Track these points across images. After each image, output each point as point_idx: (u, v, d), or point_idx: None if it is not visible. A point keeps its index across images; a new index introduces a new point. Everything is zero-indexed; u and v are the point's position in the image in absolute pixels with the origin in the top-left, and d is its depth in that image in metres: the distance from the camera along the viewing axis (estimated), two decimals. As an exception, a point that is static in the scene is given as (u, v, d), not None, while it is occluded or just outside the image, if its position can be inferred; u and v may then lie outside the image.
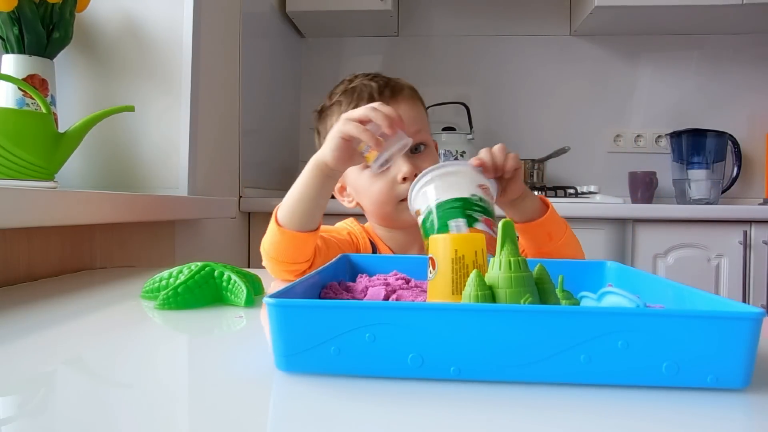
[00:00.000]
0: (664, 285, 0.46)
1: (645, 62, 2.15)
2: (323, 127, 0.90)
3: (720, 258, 1.61)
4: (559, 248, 0.78)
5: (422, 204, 0.67)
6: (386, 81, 0.86)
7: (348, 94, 0.85)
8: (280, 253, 0.73)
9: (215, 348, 0.47)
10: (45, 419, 0.32)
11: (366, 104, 0.79)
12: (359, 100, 0.83)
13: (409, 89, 0.87)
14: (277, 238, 0.73)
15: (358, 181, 0.85)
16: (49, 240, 0.83)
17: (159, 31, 1.20)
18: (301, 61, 2.23)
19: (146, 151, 1.21)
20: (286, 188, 0.75)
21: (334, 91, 0.90)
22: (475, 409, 0.32)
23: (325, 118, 0.89)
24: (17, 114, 0.90)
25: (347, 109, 0.82)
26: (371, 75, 0.88)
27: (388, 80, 0.87)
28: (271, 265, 0.75)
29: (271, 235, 0.74)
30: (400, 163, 0.80)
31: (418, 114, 0.87)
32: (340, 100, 0.86)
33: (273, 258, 0.74)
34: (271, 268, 0.76)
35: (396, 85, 0.86)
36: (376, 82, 0.85)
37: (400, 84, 0.87)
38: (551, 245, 0.77)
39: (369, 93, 0.83)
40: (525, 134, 2.17)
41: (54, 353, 0.44)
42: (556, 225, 0.78)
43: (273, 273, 0.77)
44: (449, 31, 2.22)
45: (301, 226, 0.72)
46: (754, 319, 0.32)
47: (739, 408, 0.32)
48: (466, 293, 0.38)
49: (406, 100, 0.85)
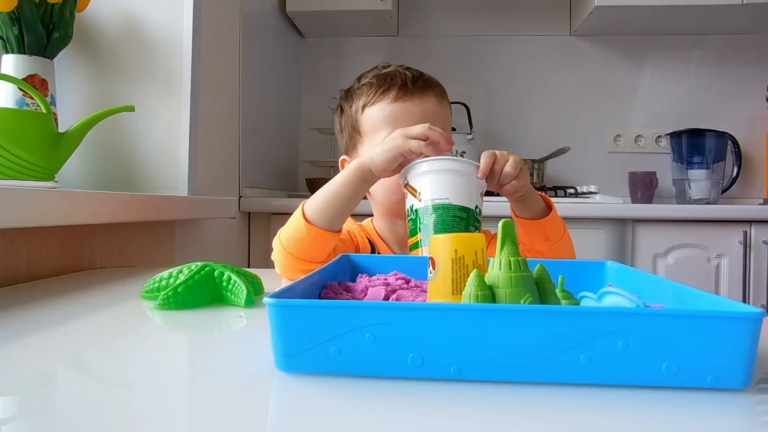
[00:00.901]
0: (664, 285, 0.46)
1: (645, 62, 2.15)
2: (349, 105, 0.88)
3: (720, 258, 1.61)
4: (552, 250, 0.78)
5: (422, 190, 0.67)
6: (420, 73, 0.85)
7: (381, 78, 0.84)
8: (300, 250, 0.72)
9: (215, 348, 0.47)
10: (45, 419, 0.31)
11: (397, 91, 0.81)
12: (391, 85, 0.82)
13: (440, 87, 0.86)
14: (301, 234, 0.72)
15: None
16: (49, 240, 0.83)
17: (159, 31, 1.20)
18: (301, 61, 2.23)
19: (146, 151, 1.20)
20: (286, 188, 0.76)
21: (364, 74, 0.88)
22: (475, 409, 0.32)
23: (352, 97, 0.87)
24: (17, 114, 0.90)
25: (377, 91, 0.82)
26: (407, 66, 0.87)
27: (422, 73, 0.85)
28: (287, 261, 0.74)
29: (294, 231, 0.73)
30: None
31: (445, 113, 0.85)
32: (372, 82, 0.84)
33: (291, 254, 0.73)
34: (284, 265, 0.75)
35: (429, 80, 0.85)
36: (411, 72, 0.84)
37: (434, 80, 0.86)
38: (545, 245, 0.78)
39: (402, 80, 0.82)
40: (525, 134, 2.17)
41: (54, 353, 0.44)
42: (554, 227, 0.78)
43: (284, 270, 0.76)
44: (449, 31, 2.22)
45: (329, 225, 0.72)
46: (754, 319, 0.32)
47: (739, 408, 0.32)
48: (466, 293, 0.38)
49: (436, 96, 0.84)
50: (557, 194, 1.85)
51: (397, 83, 0.82)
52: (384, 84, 0.82)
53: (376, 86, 0.83)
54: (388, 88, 0.82)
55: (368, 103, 0.83)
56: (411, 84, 0.81)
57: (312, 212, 0.73)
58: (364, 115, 0.83)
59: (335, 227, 0.73)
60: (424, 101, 0.81)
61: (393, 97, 0.81)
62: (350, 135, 0.87)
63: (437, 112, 0.82)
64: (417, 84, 0.82)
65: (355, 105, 0.86)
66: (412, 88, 0.81)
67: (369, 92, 0.83)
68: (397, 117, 0.80)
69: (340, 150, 0.92)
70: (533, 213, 0.78)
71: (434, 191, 0.67)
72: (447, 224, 0.65)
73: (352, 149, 0.88)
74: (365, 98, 0.83)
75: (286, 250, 0.73)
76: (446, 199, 0.66)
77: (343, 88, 0.92)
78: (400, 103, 0.81)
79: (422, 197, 0.67)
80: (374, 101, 0.82)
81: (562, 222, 0.81)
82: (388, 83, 0.82)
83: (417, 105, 0.81)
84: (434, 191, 0.67)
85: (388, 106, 0.81)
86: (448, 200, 0.66)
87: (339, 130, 0.91)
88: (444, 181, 0.67)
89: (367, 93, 0.83)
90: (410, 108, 0.81)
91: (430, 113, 0.81)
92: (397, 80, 0.82)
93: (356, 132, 0.85)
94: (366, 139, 0.84)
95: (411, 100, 0.81)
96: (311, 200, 0.74)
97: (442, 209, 0.66)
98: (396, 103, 0.81)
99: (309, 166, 2.08)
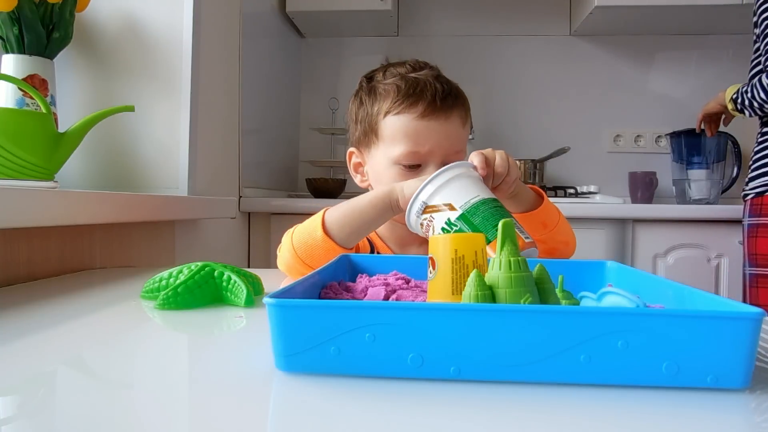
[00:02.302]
0: (664, 285, 0.46)
1: (645, 62, 2.15)
2: (371, 102, 0.84)
3: (720, 258, 1.61)
4: (552, 235, 0.79)
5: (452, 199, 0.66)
6: (449, 87, 0.82)
7: (410, 85, 0.80)
8: (309, 257, 0.72)
9: (215, 348, 0.47)
10: (45, 419, 0.31)
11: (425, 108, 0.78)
12: (420, 98, 0.78)
13: (465, 105, 0.83)
14: (316, 242, 0.71)
15: (381, 168, 0.82)
16: (49, 240, 0.83)
17: (159, 31, 1.20)
18: (301, 61, 2.23)
19: (146, 151, 1.21)
20: (286, 188, 0.76)
21: (390, 69, 0.85)
22: (475, 409, 0.32)
23: (376, 95, 0.83)
24: (17, 114, 0.90)
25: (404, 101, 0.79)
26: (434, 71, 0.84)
27: (450, 87, 0.82)
28: (293, 262, 0.73)
29: (309, 237, 0.72)
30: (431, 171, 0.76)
31: (465, 134, 0.83)
32: (400, 87, 0.80)
33: (299, 258, 0.73)
34: (288, 264, 0.75)
35: (458, 96, 0.82)
36: (441, 85, 0.80)
37: (461, 95, 0.83)
38: (545, 232, 0.79)
39: (432, 95, 0.78)
40: (525, 134, 2.17)
41: (54, 353, 0.44)
42: (549, 214, 0.80)
43: (287, 269, 0.76)
44: (449, 31, 2.22)
45: (346, 242, 0.72)
46: (754, 319, 0.32)
47: (739, 408, 0.32)
48: (466, 293, 0.38)
49: (461, 117, 0.82)
50: (557, 194, 1.85)
51: (427, 98, 0.78)
52: (412, 95, 0.79)
53: (404, 94, 0.79)
54: (416, 101, 0.79)
55: (392, 110, 0.80)
56: (440, 101, 0.78)
57: (332, 225, 0.72)
58: (386, 122, 0.81)
59: (350, 245, 0.73)
60: (448, 121, 0.79)
61: (419, 114, 0.78)
62: (365, 132, 0.85)
63: (459, 134, 0.81)
64: (446, 101, 0.79)
65: (378, 106, 0.82)
66: (440, 105, 0.78)
67: (396, 99, 0.80)
68: (420, 135, 0.78)
69: (349, 140, 0.90)
70: (527, 205, 0.79)
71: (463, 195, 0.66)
72: (496, 214, 0.65)
73: (364, 147, 0.86)
74: (390, 104, 0.80)
75: (296, 252, 0.73)
76: (477, 196, 0.66)
77: (366, 75, 0.88)
78: (425, 121, 0.78)
79: (457, 204, 0.65)
80: (399, 111, 0.79)
81: (555, 207, 0.82)
82: (417, 96, 0.79)
83: (441, 125, 0.79)
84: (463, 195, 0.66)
85: (413, 121, 0.78)
86: (479, 196, 0.66)
87: (353, 119, 0.87)
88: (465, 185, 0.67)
89: (394, 99, 0.80)
90: (434, 127, 0.78)
91: (452, 135, 0.79)
92: (426, 94, 0.79)
93: (373, 133, 0.83)
94: (383, 145, 0.82)
95: (437, 120, 0.78)
96: (334, 211, 0.73)
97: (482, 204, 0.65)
98: (421, 121, 0.78)
99: (309, 166, 2.08)
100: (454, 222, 0.66)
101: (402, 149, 0.78)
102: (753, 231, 1.38)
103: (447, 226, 0.66)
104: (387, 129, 0.81)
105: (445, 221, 0.66)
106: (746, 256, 1.41)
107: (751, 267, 1.39)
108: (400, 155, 0.79)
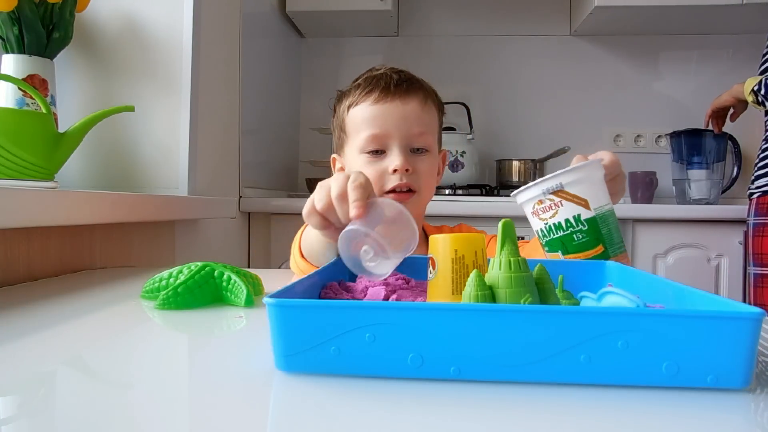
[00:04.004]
0: (664, 285, 0.46)
1: (645, 62, 2.15)
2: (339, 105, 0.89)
3: (720, 258, 1.61)
4: None
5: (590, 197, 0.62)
6: (409, 77, 0.85)
7: (369, 79, 0.84)
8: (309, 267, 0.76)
9: (215, 348, 0.47)
10: (45, 419, 0.31)
11: (379, 93, 0.81)
12: (375, 86, 0.82)
13: (426, 92, 0.85)
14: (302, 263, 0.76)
15: (351, 162, 0.85)
16: (49, 240, 0.83)
17: (159, 31, 1.20)
18: (301, 61, 2.23)
19: (146, 151, 1.20)
20: (286, 188, 0.77)
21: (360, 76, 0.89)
22: (475, 409, 0.32)
23: (343, 97, 0.88)
24: (17, 114, 0.90)
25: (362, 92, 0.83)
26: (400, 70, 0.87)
27: (411, 77, 0.85)
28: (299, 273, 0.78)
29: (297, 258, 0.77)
30: (394, 155, 0.80)
31: (428, 117, 0.84)
32: (360, 83, 0.85)
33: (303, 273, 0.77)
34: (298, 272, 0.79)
35: (415, 82, 0.85)
36: (398, 75, 0.83)
37: (420, 83, 0.86)
38: None
39: (386, 82, 0.82)
40: (525, 134, 2.17)
41: (54, 353, 0.44)
42: None
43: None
44: (449, 31, 2.22)
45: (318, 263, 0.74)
46: (754, 319, 0.32)
47: (739, 408, 0.32)
48: (466, 293, 0.38)
49: (420, 100, 0.83)
50: (557, 194, 1.84)
51: (380, 85, 0.82)
52: (369, 85, 0.83)
53: (362, 87, 0.84)
54: (371, 89, 0.82)
55: (353, 103, 0.84)
56: (394, 86, 0.81)
57: (305, 252, 0.76)
58: (349, 115, 0.84)
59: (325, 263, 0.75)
60: (405, 103, 0.81)
61: (374, 99, 0.81)
62: (338, 135, 0.89)
63: (419, 115, 0.82)
64: (400, 86, 0.82)
65: (343, 105, 0.86)
66: (394, 90, 0.81)
67: (355, 93, 0.84)
68: (377, 118, 0.81)
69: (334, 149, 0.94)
70: None
71: (600, 197, 0.63)
72: (617, 231, 0.63)
73: (339, 148, 0.89)
74: (351, 98, 0.84)
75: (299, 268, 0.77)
76: (608, 204, 0.64)
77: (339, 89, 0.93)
78: (380, 105, 0.81)
79: (592, 205, 0.63)
80: (358, 102, 0.83)
81: None
82: (373, 85, 0.83)
83: (397, 107, 0.81)
84: (600, 197, 0.63)
85: (370, 107, 0.82)
86: (610, 205, 0.64)
87: (331, 129, 0.93)
88: (602, 188, 0.64)
89: (354, 93, 0.84)
90: (390, 110, 0.81)
91: (410, 116, 0.81)
92: (381, 82, 0.82)
93: (342, 131, 0.87)
94: (350, 139, 0.85)
95: (392, 102, 0.81)
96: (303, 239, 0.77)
97: (611, 215, 0.63)
98: (377, 105, 0.81)
99: (309, 166, 2.08)
100: (583, 221, 0.63)
101: (362, 135, 0.81)
102: (759, 230, 1.38)
103: (573, 221, 0.63)
104: (350, 122, 0.84)
105: (574, 215, 0.63)
106: (751, 256, 1.41)
107: (756, 266, 1.39)
108: (362, 142, 0.81)
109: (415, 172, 0.80)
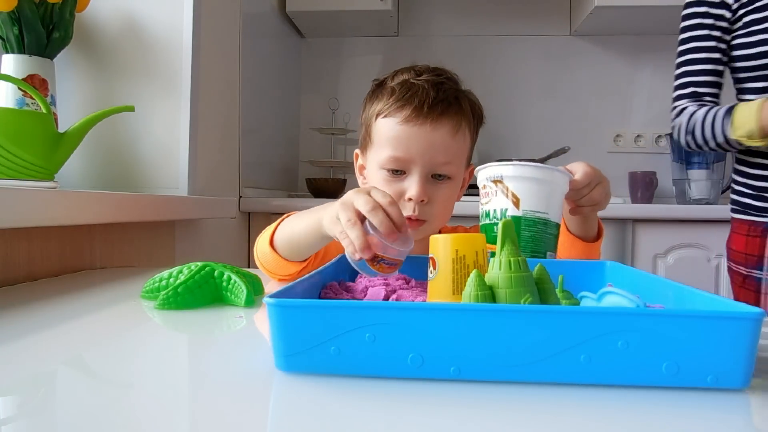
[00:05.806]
0: (664, 285, 0.46)
1: (645, 62, 2.14)
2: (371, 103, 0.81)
3: (720, 258, 1.61)
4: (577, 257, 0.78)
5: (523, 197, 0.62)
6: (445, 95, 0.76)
7: (405, 88, 0.77)
8: (266, 263, 0.74)
9: (215, 348, 0.47)
10: (45, 419, 0.31)
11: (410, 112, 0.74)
12: (408, 102, 0.75)
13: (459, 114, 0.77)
14: (266, 250, 0.73)
15: (372, 171, 0.81)
16: (49, 240, 0.83)
17: (159, 31, 1.20)
18: (301, 61, 2.23)
19: (146, 151, 1.20)
20: (286, 188, 0.76)
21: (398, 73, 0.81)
22: (475, 409, 0.32)
23: (375, 98, 0.81)
24: (17, 114, 0.90)
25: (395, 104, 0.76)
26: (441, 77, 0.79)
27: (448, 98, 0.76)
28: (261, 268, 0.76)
29: (262, 245, 0.74)
30: (413, 182, 0.75)
31: (456, 146, 0.77)
32: (395, 89, 0.77)
33: (260, 263, 0.76)
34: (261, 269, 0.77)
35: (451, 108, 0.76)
36: (435, 91, 0.75)
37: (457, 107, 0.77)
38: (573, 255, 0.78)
39: (421, 100, 0.74)
40: (525, 134, 2.17)
41: (54, 353, 0.44)
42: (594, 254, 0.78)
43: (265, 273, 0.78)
44: (449, 31, 2.22)
45: (290, 258, 0.72)
46: (754, 319, 0.32)
47: (739, 408, 0.32)
48: (466, 293, 0.38)
49: (451, 126, 0.76)
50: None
51: (413, 103, 0.74)
52: (402, 99, 0.76)
53: (396, 98, 0.76)
54: (403, 105, 0.75)
55: (382, 113, 0.78)
56: (428, 108, 0.74)
57: (278, 240, 0.72)
58: (377, 124, 0.79)
59: (297, 260, 0.73)
60: (435, 129, 0.74)
61: (404, 118, 0.75)
62: (364, 134, 0.83)
63: (448, 145, 0.75)
64: (434, 109, 0.74)
65: (373, 108, 0.80)
66: (427, 112, 0.74)
67: (388, 100, 0.77)
68: (402, 140, 0.75)
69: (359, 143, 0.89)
70: (584, 234, 0.76)
71: (535, 202, 0.63)
72: (541, 242, 0.62)
73: (363, 149, 0.85)
74: (382, 105, 0.78)
75: (257, 257, 0.75)
76: (546, 213, 0.63)
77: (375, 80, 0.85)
78: (409, 126, 0.74)
79: (522, 205, 0.62)
80: (387, 114, 0.77)
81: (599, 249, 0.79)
82: (406, 100, 0.75)
83: (426, 134, 0.74)
84: (535, 202, 0.63)
85: (397, 125, 0.75)
86: (547, 216, 0.63)
87: (361, 121, 0.86)
88: (546, 194, 0.63)
89: (386, 100, 0.77)
90: (418, 134, 0.74)
91: (437, 144, 0.74)
92: (415, 99, 0.75)
93: (368, 135, 0.82)
94: (373, 148, 0.80)
95: (421, 126, 0.74)
96: (282, 228, 0.73)
97: (542, 224, 0.63)
98: (405, 125, 0.75)
99: (309, 166, 2.08)
100: (507, 217, 0.63)
101: (385, 153, 0.76)
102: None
103: (498, 214, 0.64)
104: (377, 132, 0.79)
105: (501, 208, 0.64)
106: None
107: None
108: (383, 159, 0.76)
109: (430, 201, 0.75)
